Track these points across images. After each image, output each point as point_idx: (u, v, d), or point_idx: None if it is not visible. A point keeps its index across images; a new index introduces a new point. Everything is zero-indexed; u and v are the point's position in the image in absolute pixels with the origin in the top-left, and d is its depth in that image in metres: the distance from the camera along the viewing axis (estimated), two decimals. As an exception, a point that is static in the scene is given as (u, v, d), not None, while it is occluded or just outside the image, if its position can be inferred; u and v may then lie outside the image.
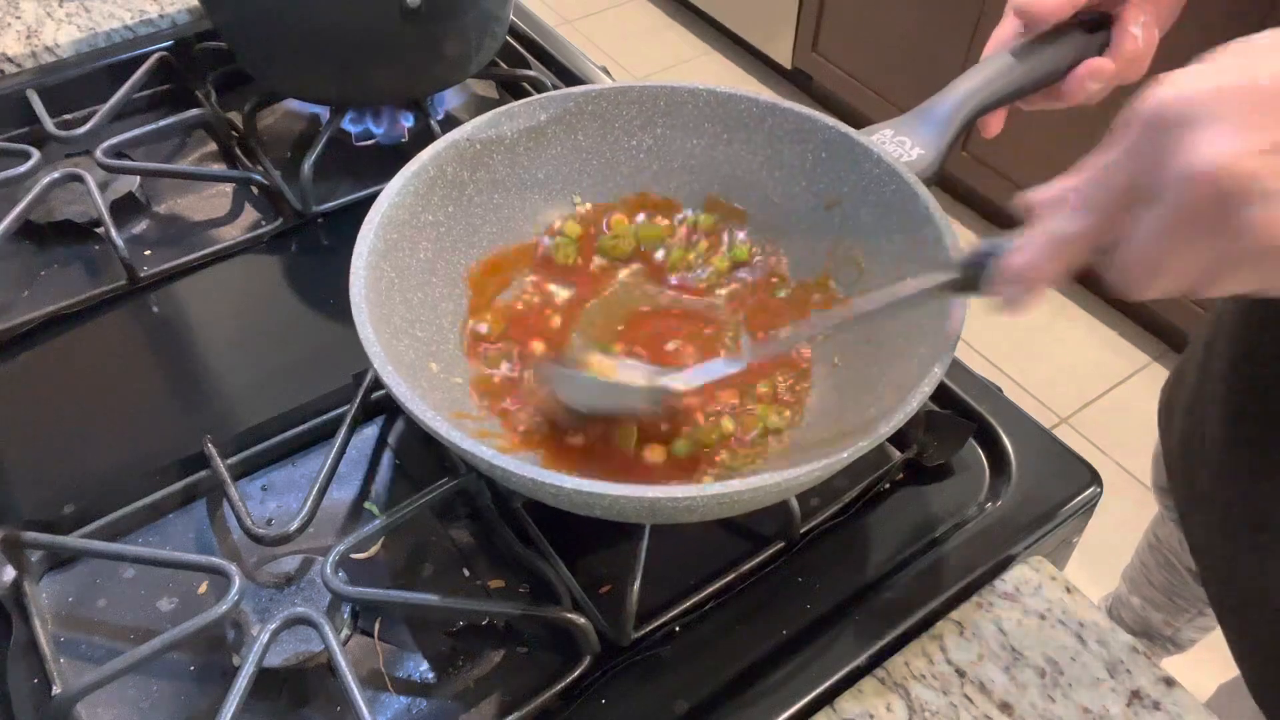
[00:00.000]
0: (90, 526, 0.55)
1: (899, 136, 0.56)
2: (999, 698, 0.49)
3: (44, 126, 0.76)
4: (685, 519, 0.47)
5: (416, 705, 0.49)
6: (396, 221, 0.54)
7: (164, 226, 0.75)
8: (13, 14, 0.89)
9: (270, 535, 0.52)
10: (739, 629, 0.52)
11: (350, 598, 0.49)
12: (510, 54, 0.90)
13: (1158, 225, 0.33)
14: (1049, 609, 0.53)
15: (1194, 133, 0.31)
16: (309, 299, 0.70)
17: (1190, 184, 0.31)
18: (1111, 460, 1.65)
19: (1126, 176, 0.34)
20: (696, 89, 0.60)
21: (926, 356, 0.47)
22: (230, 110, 0.82)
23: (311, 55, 0.73)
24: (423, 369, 0.53)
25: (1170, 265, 0.34)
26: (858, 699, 0.49)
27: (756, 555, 0.54)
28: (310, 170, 0.73)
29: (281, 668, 0.49)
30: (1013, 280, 0.38)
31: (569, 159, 0.62)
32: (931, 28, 1.89)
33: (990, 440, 0.60)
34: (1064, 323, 1.89)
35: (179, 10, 0.90)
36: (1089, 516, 0.59)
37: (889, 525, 0.57)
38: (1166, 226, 0.33)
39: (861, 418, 0.49)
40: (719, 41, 2.54)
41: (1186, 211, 0.32)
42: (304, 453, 0.60)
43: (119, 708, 0.49)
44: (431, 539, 0.56)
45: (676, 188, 0.63)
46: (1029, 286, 0.38)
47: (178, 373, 0.65)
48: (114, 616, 0.52)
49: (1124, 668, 0.50)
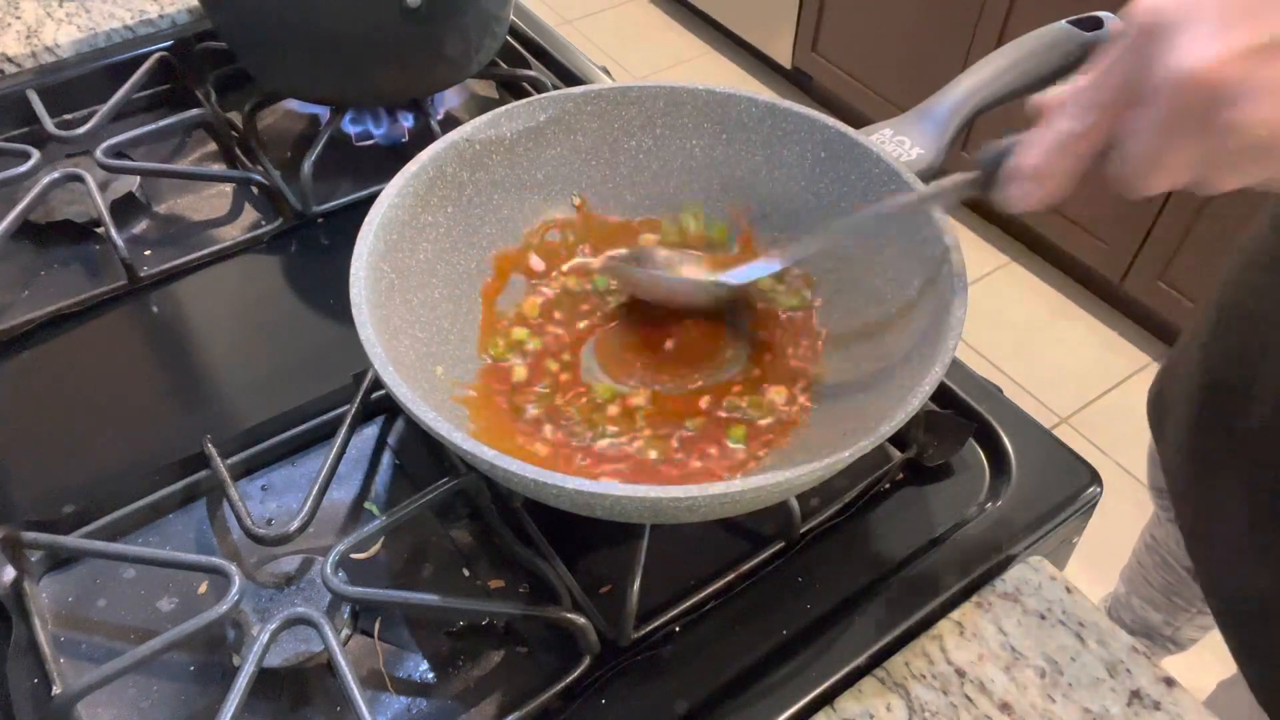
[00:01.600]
0: (90, 526, 0.55)
1: (898, 136, 0.57)
2: (999, 698, 0.49)
3: (44, 126, 0.76)
4: (686, 519, 0.47)
5: (416, 705, 0.49)
6: (396, 222, 0.54)
7: (164, 226, 0.75)
8: (13, 14, 0.89)
9: (270, 535, 0.52)
10: (739, 629, 0.52)
11: (350, 598, 0.49)
12: (510, 54, 0.90)
13: (1151, 124, 0.36)
14: (1049, 609, 0.53)
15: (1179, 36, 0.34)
16: (309, 299, 0.70)
17: (1177, 84, 0.34)
18: (1111, 460, 1.65)
19: (1120, 78, 0.37)
20: (696, 89, 0.60)
21: (926, 356, 0.47)
22: (230, 110, 0.82)
23: (311, 55, 0.73)
24: (424, 370, 0.53)
25: (1166, 161, 0.36)
26: (858, 699, 0.49)
27: (756, 555, 0.54)
28: (310, 170, 0.73)
29: (281, 668, 0.49)
30: (1025, 177, 0.41)
31: (569, 159, 0.62)
32: (931, 28, 1.89)
33: (990, 440, 0.60)
34: (1064, 323, 1.89)
35: (179, 10, 0.90)
36: (1089, 516, 0.59)
37: (889, 525, 0.57)
38: (1159, 124, 0.35)
39: (862, 418, 0.49)
40: (719, 41, 2.54)
41: (1175, 110, 0.35)
42: (304, 453, 0.60)
43: (119, 708, 0.49)
44: (431, 539, 0.56)
45: (676, 188, 0.63)
46: (1040, 183, 0.41)
47: (178, 373, 0.65)
48: (114, 616, 0.52)
49: (1124, 668, 0.50)
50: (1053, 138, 0.40)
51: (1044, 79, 0.57)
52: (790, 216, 0.61)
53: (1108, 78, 0.37)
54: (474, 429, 0.53)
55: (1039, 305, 1.92)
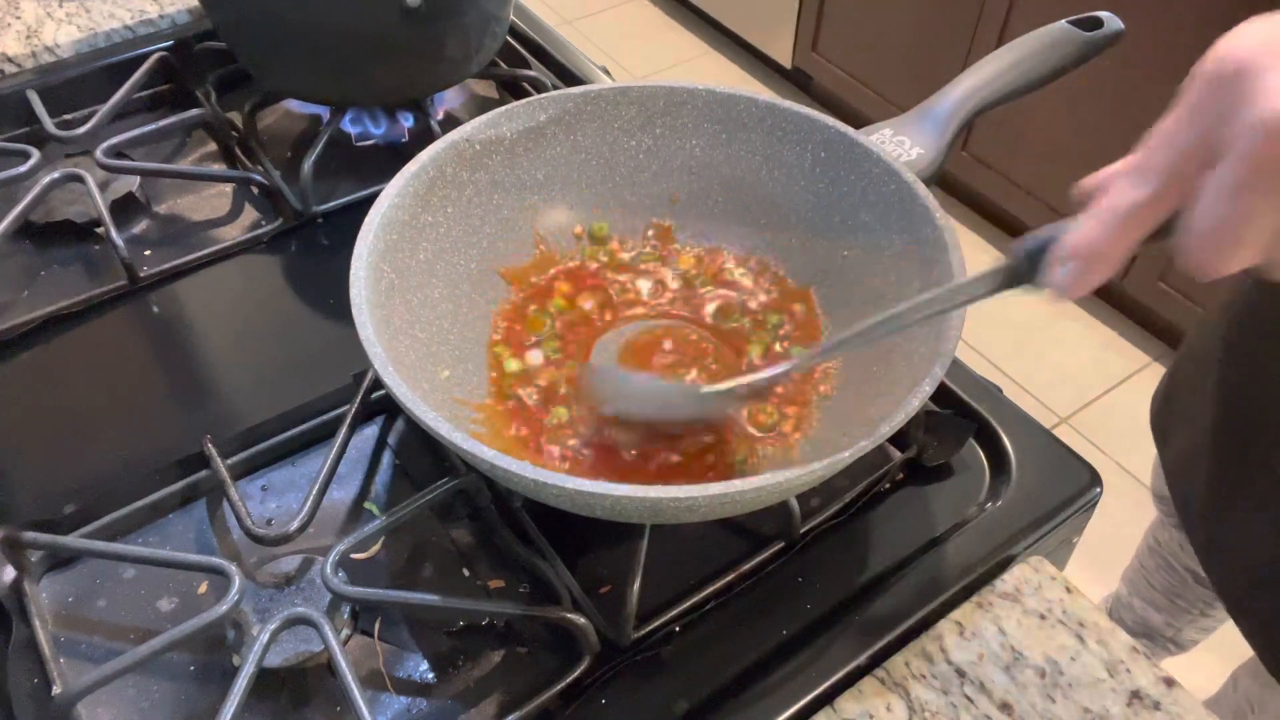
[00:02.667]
0: (90, 526, 0.55)
1: (899, 136, 0.57)
2: (999, 698, 0.49)
3: (44, 126, 0.76)
4: (686, 519, 0.47)
5: (416, 705, 0.49)
6: (396, 222, 0.54)
7: (164, 226, 0.75)
8: (13, 14, 0.89)
9: (270, 535, 0.52)
10: (739, 629, 0.52)
11: (350, 598, 0.49)
12: (510, 54, 0.90)
13: (1230, 180, 0.30)
14: (1049, 609, 0.53)
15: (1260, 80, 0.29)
16: (309, 299, 0.70)
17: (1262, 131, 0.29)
18: (1111, 460, 1.65)
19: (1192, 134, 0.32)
20: (696, 89, 0.60)
21: (926, 356, 0.47)
22: (230, 110, 0.82)
23: (311, 55, 0.73)
24: (425, 371, 0.53)
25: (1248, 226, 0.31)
26: (858, 699, 0.49)
27: (756, 555, 0.54)
28: (310, 170, 0.73)
29: (281, 668, 0.49)
30: (1073, 257, 0.35)
31: (569, 159, 0.62)
32: (931, 28, 1.89)
33: (990, 440, 0.60)
34: (1064, 323, 1.89)
35: (179, 10, 0.90)
36: (1089, 516, 0.59)
37: (889, 525, 0.57)
38: (1240, 180, 0.30)
39: (862, 418, 0.49)
40: (719, 41, 2.54)
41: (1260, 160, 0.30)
42: (304, 453, 0.60)
43: (119, 708, 0.49)
44: (431, 539, 0.56)
45: (676, 187, 0.63)
46: (1092, 265, 0.35)
47: (178, 373, 0.65)
48: (114, 616, 0.52)
49: (1124, 668, 0.50)
50: (1109, 212, 0.34)
51: (1044, 78, 0.57)
52: (789, 217, 0.61)
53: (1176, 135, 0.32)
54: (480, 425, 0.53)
55: (1039, 305, 1.92)
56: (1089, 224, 0.35)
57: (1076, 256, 0.35)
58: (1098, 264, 0.35)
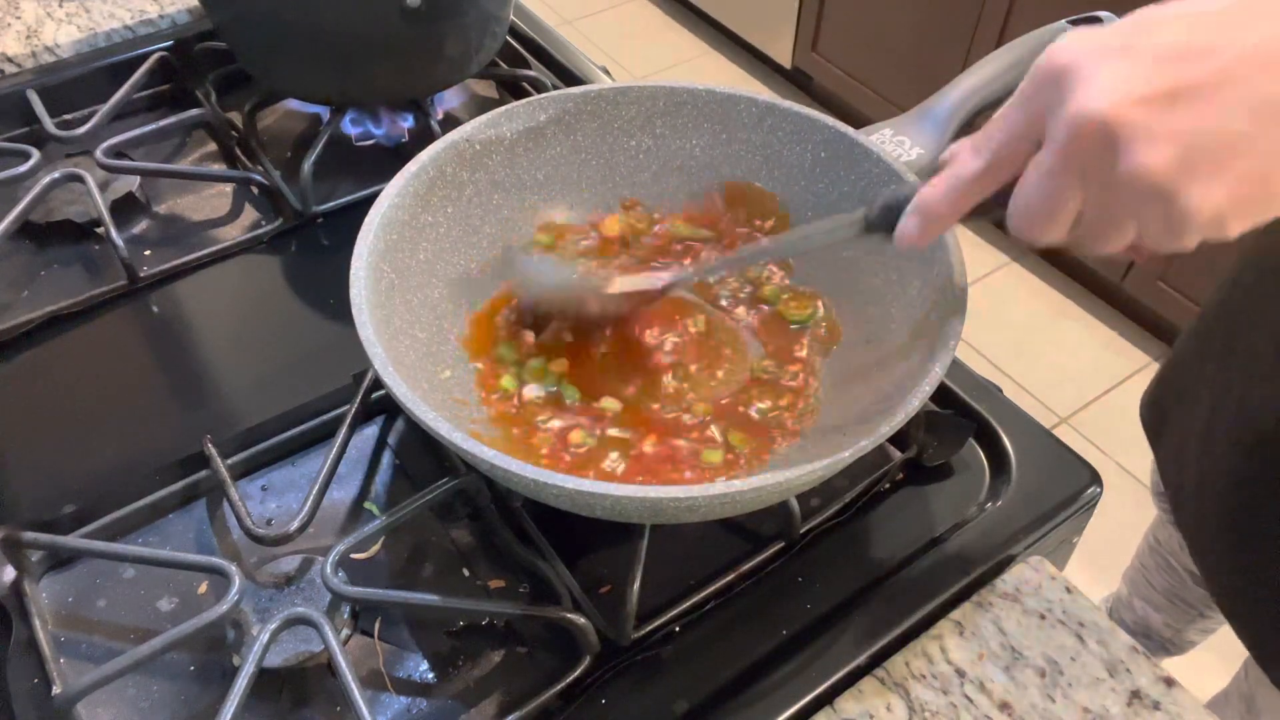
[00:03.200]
0: (90, 526, 0.55)
1: (898, 136, 0.57)
2: (999, 698, 0.49)
3: (44, 126, 0.76)
4: (686, 519, 0.47)
5: (416, 705, 0.49)
6: (396, 222, 0.54)
7: (164, 226, 0.75)
8: (13, 14, 0.89)
9: (270, 535, 0.52)
10: (739, 629, 0.52)
11: (350, 598, 0.49)
12: (510, 54, 0.90)
13: (1048, 164, 0.36)
14: (1049, 609, 0.53)
15: (1082, 82, 0.34)
16: (309, 299, 0.70)
17: (1076, 126, 0.34)
18: (1111, 460, 1.65)
19: (1022, 121, 0.37)
20: (696, 89, 0.60)
21: (926, 356, 0.47)
22: (230, 110, 0.82)
23: (311, 55, 0.73)
24: (425, 370, 0.53)
25: (1056, 206, 0.37)
26: (858, 699, 0.49)
27: (756, 555, 0.54)
28: (310, 170, 0.73)
29: (281, 668, 0.49)
30: (916, 212, 0.42)
31: (568, 159, 0.62)
32: (931, 28, 1.89)
33: (990, 440, 0.60)
34: (1064, 323, 1.89)
35: (179, 10, 0.90)
36: (1089, 516, 0.59)
37: (889, 525, 0.57)
38: (1055, 165, 0.36)
39: (862, 418, 0.49)
40: (719, 41, 2.54)
41: (1073, 150, 0.35)
42: (304, 453, 0.60)
43: (119, 708, 0.49)
44: (431, 539, 0.56)
45: (676, 187, 0.63)
46: (932, 220, 0.42)
47: (178, 373, 0.65)
48: (114, 616, 0.52)
49: (1124, 668, 0.50)
50: (946, 179, 0.41)
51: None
52: (788, 217, 0.61)
53: (1008, 120, 0.38)
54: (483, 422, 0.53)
55: (1039, 305, 1.92)
56: (934, 186, 0.41)
57: (919, 211, 0.42)
58: (936, 220, 0.42)
